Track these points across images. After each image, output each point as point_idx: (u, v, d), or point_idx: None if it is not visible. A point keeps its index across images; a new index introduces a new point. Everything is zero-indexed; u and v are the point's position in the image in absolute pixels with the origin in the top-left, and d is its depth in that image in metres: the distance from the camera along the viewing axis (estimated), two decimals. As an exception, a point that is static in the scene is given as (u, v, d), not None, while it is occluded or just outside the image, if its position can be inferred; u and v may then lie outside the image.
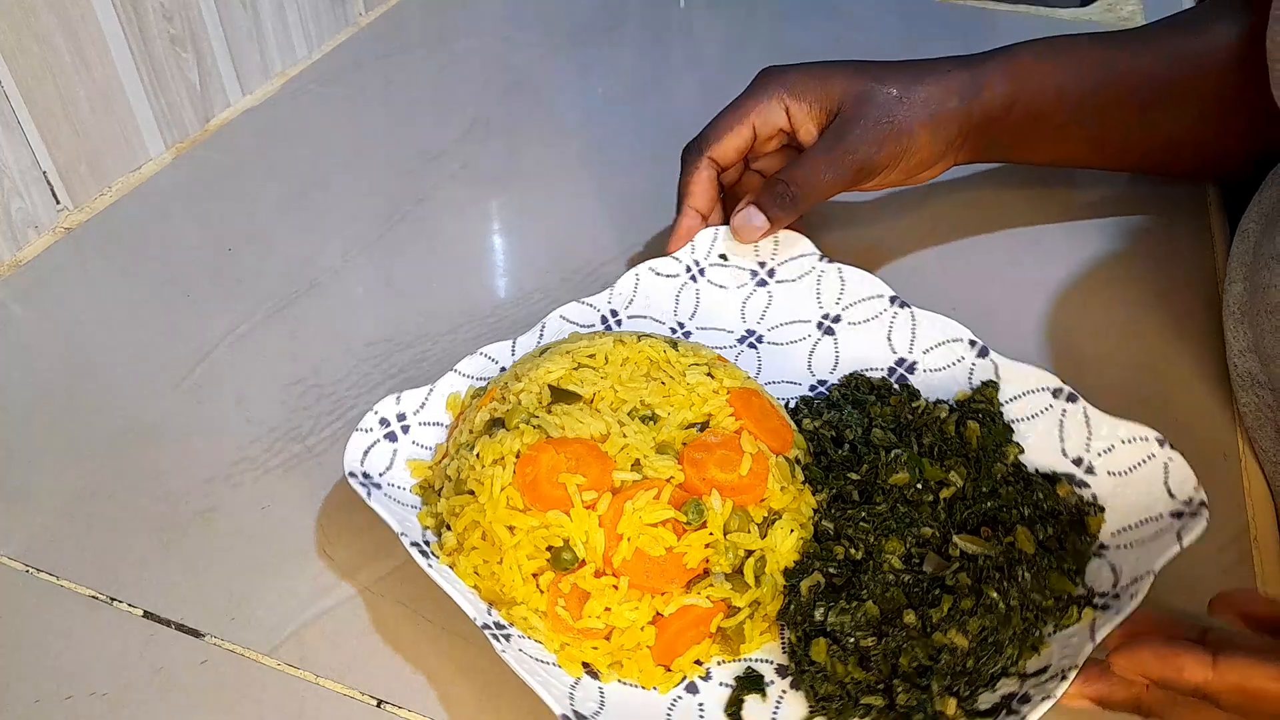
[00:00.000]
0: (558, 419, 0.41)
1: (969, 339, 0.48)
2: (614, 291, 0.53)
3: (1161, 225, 0.62)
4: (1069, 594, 0.39)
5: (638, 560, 0.38)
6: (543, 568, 0.39)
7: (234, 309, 0.56)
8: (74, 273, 0.59)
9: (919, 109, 0.54)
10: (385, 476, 0.43)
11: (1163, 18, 0.58)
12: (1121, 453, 0.42)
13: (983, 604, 0.37)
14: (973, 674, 0.36)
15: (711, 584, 0.39)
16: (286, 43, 0.78)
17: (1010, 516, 0.41)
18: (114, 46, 0.63)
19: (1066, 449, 0.44)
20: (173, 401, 0.51)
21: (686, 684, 0.39)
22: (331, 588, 0.42)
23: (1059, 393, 0.45)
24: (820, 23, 0.88)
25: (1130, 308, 0.56)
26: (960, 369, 0.48)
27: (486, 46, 0.84)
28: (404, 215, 0.64)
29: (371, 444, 0.44)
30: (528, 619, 0.39)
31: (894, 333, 0.50)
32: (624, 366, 0.44)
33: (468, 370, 0.47)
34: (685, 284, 0.54)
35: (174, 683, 0.39)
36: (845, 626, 0.38)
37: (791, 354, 0.52)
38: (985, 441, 0.44)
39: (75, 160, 0.62)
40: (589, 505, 0.39)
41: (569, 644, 0.38)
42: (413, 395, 0.46)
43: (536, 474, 0.39)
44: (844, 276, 0.53)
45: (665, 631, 0.38)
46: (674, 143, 0.55)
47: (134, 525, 0.45)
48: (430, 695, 0.39)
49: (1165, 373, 0.52)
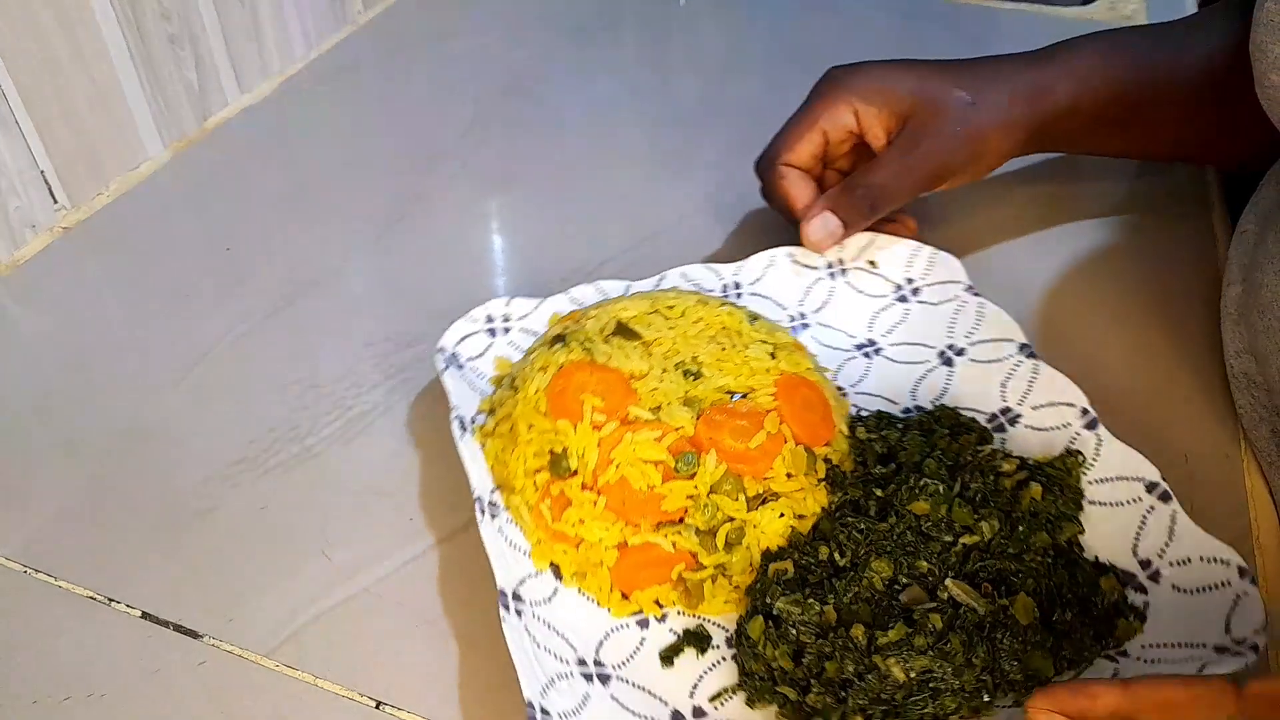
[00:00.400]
0: (608, 348, 0.44)
1: (1082, 407, 0.45)
2: (744, 266, 0.54)
3: (1163, 225, 0.62)
4: (1044, 676, 0.37)
5: (620, 487, 0.41)
6: (542, 468, 0.42)
7: (234, 309, 0.56)
8: (72, 272, 0.59)
9: (990, 114, 0.54)
10: (472, 363, 0.48)
11: (1201, 9, 0.58)
12: (1196, 570, 0.39)
13: (938, 648, 0.36)
14: (898, 708, 0.36)
15: (680, 533, 0.40)
16: (285, 42, 0.78)
17: (1022, 584, 0.39)
18: (112, 46, 0.63)
19: (1139, 548, 0.41)
20: (172, 401, 0.51)
21: (640, 619, 0.41)
22: (330, 588, 0.42)
23: (1153, 488, 0.41)
24: (820, 22, 0.88)
25: (1132, 308, 0.56)
26: (1062, 435, 0.45)
27: (486, 46, 0.84)
28: (404, 215, 0.64)
29: (471, 332, 0.49)
30: (519, 509, 0.42)
31: (1010, 381, 0.48)
32: (696, 324, 0.45)
33: (578, 296, 0.51)
34: (821, 278, 0.54)
35: (172, 684, 0.39)
36: (792, 617, 0.38)
37: (903, 374, 0.51)
38: (1042, 508, 0.41)
39: (73, 159, 0.62)
40: (596, 426, 0.41)
41: (544, 541, 0.41)
42: (523, 303, 0.50)
43: (565, 386, 0.43)
44: (983, 312, 0.51)
45: (625, 559, 0.40)
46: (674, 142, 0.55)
47: (133, 525, 0.45)
48: (430, 695, 0.38)
49: (1167, 373, 0.52)
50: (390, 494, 0.46)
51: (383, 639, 0.40)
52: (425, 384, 0.51)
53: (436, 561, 0.43)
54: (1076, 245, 0.61)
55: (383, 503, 0.46)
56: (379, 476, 0.47)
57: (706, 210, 0.64)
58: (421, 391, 0.51)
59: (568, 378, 0.43)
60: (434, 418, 0.50)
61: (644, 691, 0.38)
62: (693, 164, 0.69)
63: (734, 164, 0.55)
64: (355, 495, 0.46)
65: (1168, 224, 0.62)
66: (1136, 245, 0.61)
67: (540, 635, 0.38)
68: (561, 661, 0.38)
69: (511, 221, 0.65)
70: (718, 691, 0.38)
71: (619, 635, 0.40)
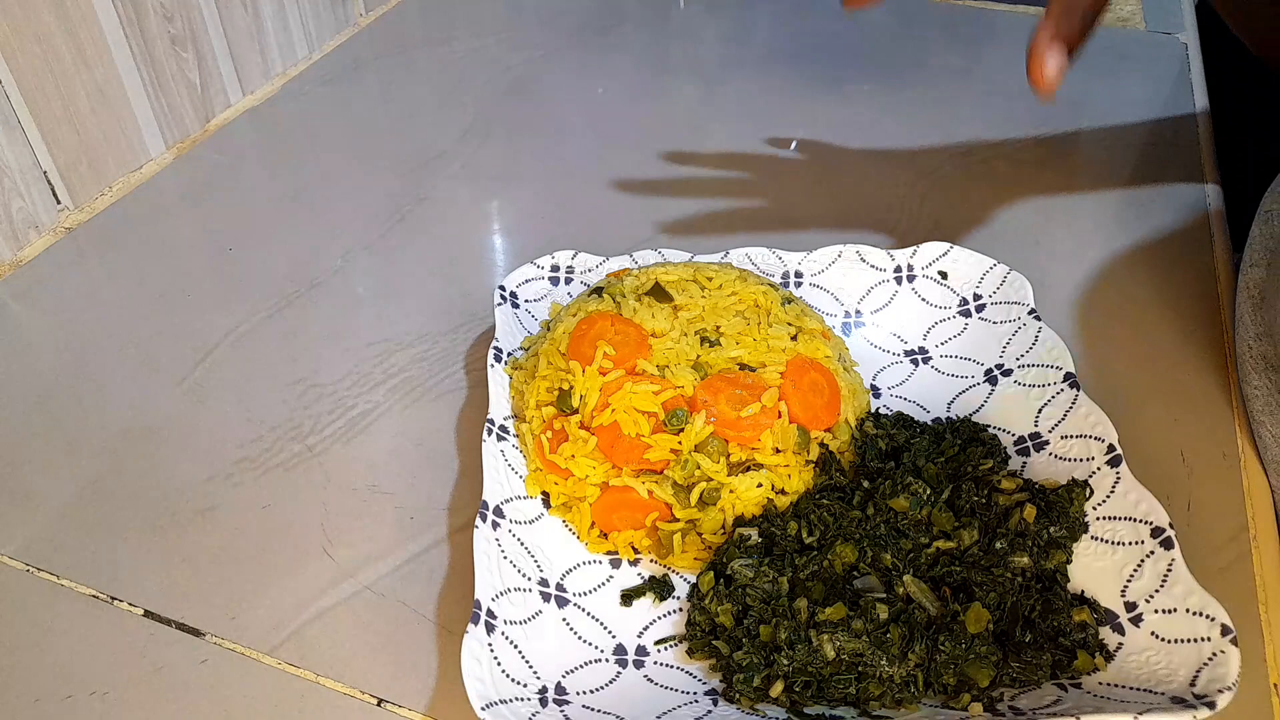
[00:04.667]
0: (636, 305, 0.46)
1: (1110, 443, 0.44)
2: (810, 256, 0.54)
3: (1163, 224, 0.62)
4: (976, 686, 0.37)
5: (611, 430, 0.43)
6: (550, 402, 0.45)
7: (234, 309, 0.57)
8: (75, 272, 0.59)
9: None
10: (529, 306, 0.51)
11: None
12: (1179, 621, 0.38)
13: (875, 635, 0.37)
14: (820, 682, 0.37)
15: (658, 483, 0.42)
16: (287, 43, 0.78)
17: (983, 595, 0.39)
18: (114, 46, 0.63)
19: (1128, 589, 0.40)
20: (173, 401, 0.51)
21: (613, 558, 0.43)
22: (332, 587, 0.42)
23: (1159, 533, 0.40)
24: (819, 23, 0.88)
25: (1130, 306, 0.56)
26: (1084, 467, 0.44)
27: (486, 46, 0.84)
28: (404, 215, 0.64)
29: (534, 277, 0.52)
30: (524, 436, 0.45)
31: (1047, 408, 0.47)
32: (731, 298, 0.47)
33: (640, 258, 0.53)
34: (887, 280, 0.54)
35: (174, 682, 0.39)
36: (744, 579, 0.40)
37: (945, 385, 0.51)
38: (1032, 531, 0.41)
39: (76, 160, 0.63)
40: (603, 371, 0.44)
41: (540, 470, 0.44)
42: (588, 258, 0.53)
43: (586, 333, 0.45)
44: (1040, 337, 0.50)
45: (605, 498, 0.43)
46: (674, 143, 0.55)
47: (135, 524, 0.45)
48: (430, 695, 0.39)
49: (1165, 372, 0.52)
50: (391, 493, 0.46)
51: (384, 637, 0.40)
52: (426, 383, 0.52)
53: (438, 560, 0.43)
54: (1075, 243, 0.61)
55: (384, 501, 0.46)
56: (380, 475, 0.47)
57: (706, 210, 0.64)
58: (422, 390, 0.51)
59: (590, 324, 0.46)
60: (435, 417, 0.50)
61: (596, 621, 0.40)
62: (692, 164, 0.69)
63: (733, 164, 0.56)
64: (356, 494, 0.46)
65: (1167, 223, 0.62)
66: (1135, 245, 0.61)
67: (511, 550, 0.40)
68: (524, 577, 0.40)
69: (511, 222, 0.65)
70: (665, 637, 0.40)
71: (588, 569, 0.42)
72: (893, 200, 0.65)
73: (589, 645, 0.39)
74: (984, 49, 0.57)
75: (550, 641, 0.39)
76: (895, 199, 0.65)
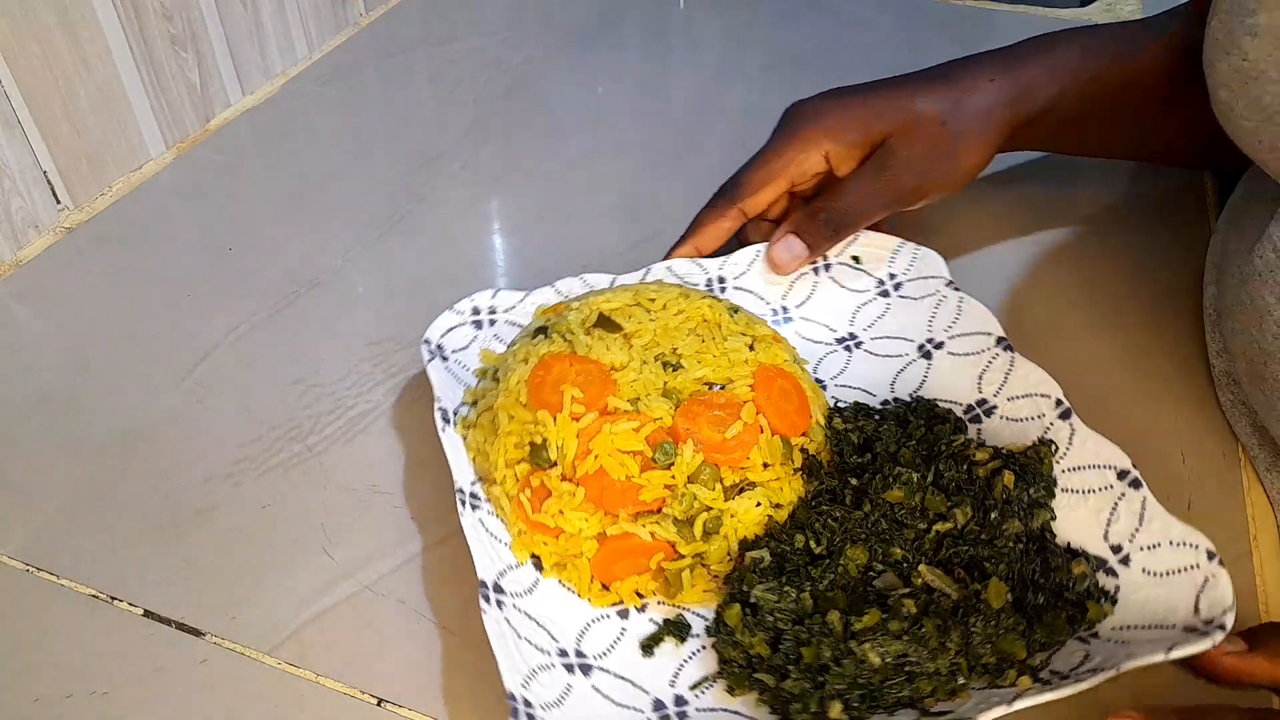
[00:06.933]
0: (589, 340, 0.44)
1: (1057, 398, 0.45)
2: (729, 260, 0.54)
3: (1159, 227, 0.62)
4: (1014, 658, 0.37)
5: (599, 478, 0.41)
6: (523, 458, 0.42)
7: (234, 308, 0.56)
8: (75, 272, 0.59)
9: (966, 128, 0.53)
10: (457, 355, 0.48)
11: (1176, 6, 0.57)
12: (1165, 554, 0.39)
13: (912, 633, 0.37)
14: (874, 692, 0.36)
15: (659, 523, 0.40)
16: (287, 43, 0.78)
17: (995, 569, 0.39)
18: (114, 46, 0.63)
19: (1110, 533, 0.41)
20: (173, 401, 0.51)
21: (620, 609, 0.41)
22: (332, 587, 0.42)
23: (1124, 475, 0.42)
24: (819, 24, 0.88)
25: (1127, 309, 0.56)
26: (1036, 425, 0.45)
27: (486, 46, 0.84)
28: (404, 215, 0.64)
29: (457, 324, 0.49)
30: (499, 500, 0.42)
31: (987, 373, 0.48)
32: (677, 316, 0.46)
33: (563, 289, 0.51)
34: (805, 273, 0.55)
35: (174, 682, 0.39)
36: (769, 605, 0.38)
37: (881, 367, 0.51)
38: (1014, 496, 0.42)
39: (76, 160, 0.63)
40: (575, 417, 0.42)
41: (525, 532, 0.41)
42: (509, 295, 0.50)
43: (546, 378, 0.43)
44: (963, 307, 0.51)
45: (604, 549, 0.41)
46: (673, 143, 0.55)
47: (135, 524, 0.45)
48: (430, 695, 0.39)
49: (1166, 372, 0.52)
50: (391, 492, 0.46)
51: (384, 637, 0.40)
52: (426, 383, 0.52)
53: (437, 559, 0.43)
54: (1072, 248, 0.61)
55: (383, 501, 0.46)
56: (380, 475, 0.47)
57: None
58: (422, 390, 0.51)
59: (548, 369, 0.43)
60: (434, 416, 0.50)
61: (625, 681, 0.39)
62: (692, 165, 0.69)
63: (733, 165, 0.56)
64: (356, 494, 0.46)
65: (1163, 226, 0.62)
66: (1132, 247, 0.61)
67: (521, 626, 0.38)
68: (543, 653, 0.38)
69: (511, 221, 0.65)
70: (698, 680, 0.39)
71: (599, 626, 0.40)
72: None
73: (628, 709, 0.37)
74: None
75: (590, 714, 0.37)
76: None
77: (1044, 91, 0.54)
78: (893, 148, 0.53)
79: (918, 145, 0.52)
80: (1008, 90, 0.54)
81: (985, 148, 0.54)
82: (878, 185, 0.53)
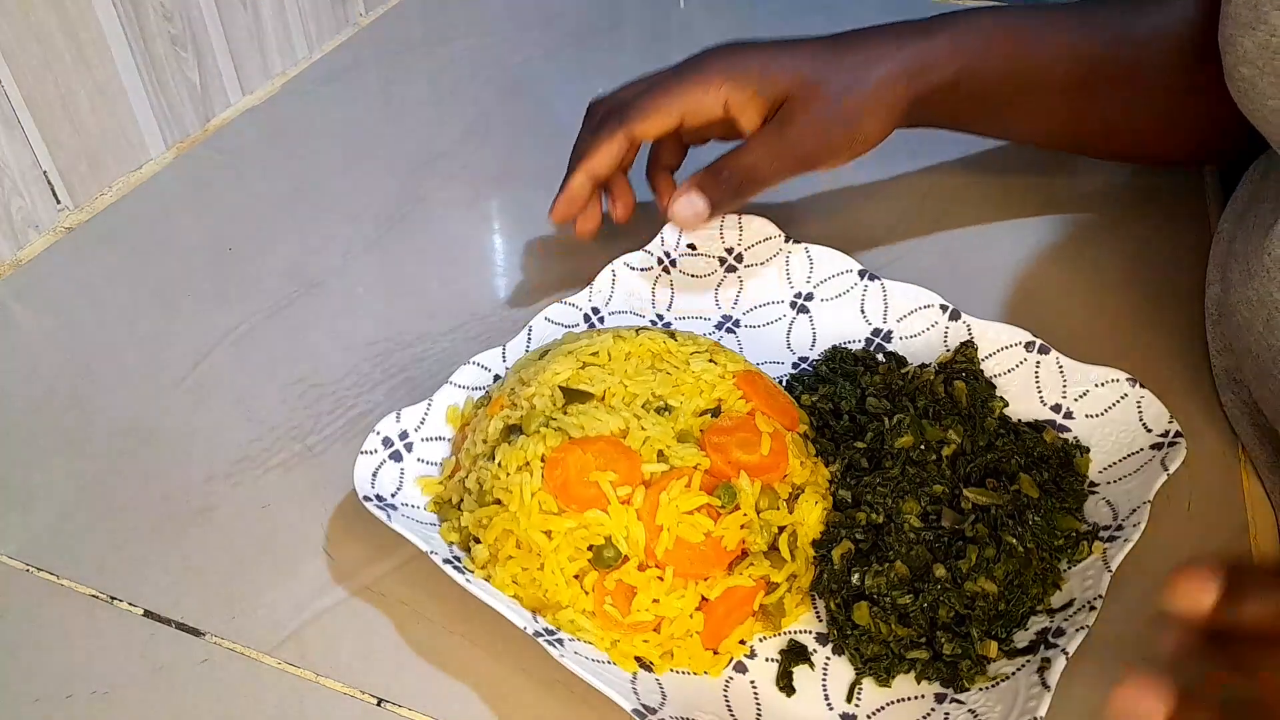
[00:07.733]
0: (576, 419, 0.41)
1: (940, 304, 0.50)
2: (593, 289, 0.53)
3: (1162, 224, 0.62)
4: (1077, 531, 0.41)
5: (679, 549, 0.39)
6: (585, 568, 0.39)
7: (234, 309, 0.56)
8: (75, 272, 0.59)
9: (869, 96, 0.52)
10: (397, 497, 0.43)
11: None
12: (1096, 395, 0.45)
13: (1004, 550, 0.39)
14: (1005, 616, 0.38)
15: (751, 563, 0.39)
16: (287, 43, 0.78)
17: (1011, 466, 0.42)
18: (114, 46, 0.63)
19: (1045, 398, 0.46)
20: (173, 401, 0.51)
21: (735, 664, 0.39)
22: (332, 587, 0.42)
23: (1031, 345, 0.47)
24: (819, 23, 0.87)
25: (1129, 307, 0.56)
26: (935, 333, 0.50)
27: (486, 46, 0.84)
28: (404, 215, 0.64)
29: (379, 465, 0.43)
30: (575, 621, 0.39)
31: (867, 304, 0.52)
32: (628, 361, 0.44)
33: (463, 381, 0.47)
34: (659, 276, 0.55)
35: (174, 681, 0.39)
36: (881, 588, 0.39)
37: (770, 335, 0.53)
38: (973, 399, 0.46)
39: (76, 160, 0.63)
40: (624, 500, 0.39)
41: (620, 640, 0.39)
42: (412, 411, 0.45)
43: (566, 475, 0.39)
44: (811, 255, 0.54)
45: (712, 615, 0.39)
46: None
47: (135, 524, 0.45)
48: (430, 695, 0.39)
49: (1166, 371, 0.52)
50: (391, 493, 0.46)
51: (384, 637, 0.40)
52: (426, 383, 0.52)
53: (438, 559, 0.43)
54: (1076, 243, 0.61)
55: (383, 502, 0.46)
56: (380, 475, 0.47)
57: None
58: (422, 391, 0.51)
59: (563, 465, 0.39)
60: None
61: None
62: (691, 165, 0.69)
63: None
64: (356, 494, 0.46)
65: (1167, 222, 0.62)
66: (1135, 244, 0.61)
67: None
68: None
69: (511, 222, 0.65)
70: (848, 690, 0.38)
71: (733, 690, 0.38)
72: (876, 189, 0.65)
73: None
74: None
75: None
76: (877, 187, 0.65)
77: (947, 66, 0.54)
78: (792, 110, 0.52)
79: (816, 110, 0.52)
80: (911, 62, 0.53)
81: (884, 118, 0.53)
82: (779, 146, 0.52)
